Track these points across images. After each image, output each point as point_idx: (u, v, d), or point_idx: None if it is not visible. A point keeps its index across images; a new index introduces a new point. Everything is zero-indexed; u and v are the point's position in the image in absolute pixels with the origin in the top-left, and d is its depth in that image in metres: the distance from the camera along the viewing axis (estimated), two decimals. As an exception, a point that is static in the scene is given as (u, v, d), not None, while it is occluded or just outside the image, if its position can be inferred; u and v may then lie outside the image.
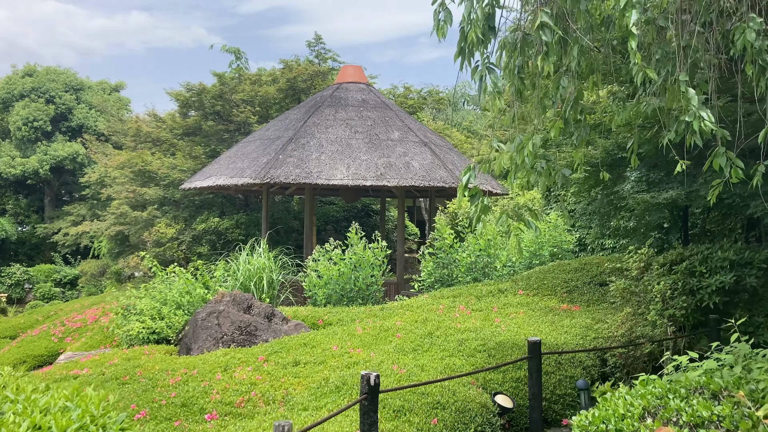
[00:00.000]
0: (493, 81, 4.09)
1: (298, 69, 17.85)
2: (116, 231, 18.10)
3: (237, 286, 10.23)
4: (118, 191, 18.14)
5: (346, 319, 8.66)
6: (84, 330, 13.36)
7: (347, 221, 18.85)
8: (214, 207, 17.29)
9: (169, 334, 9.01)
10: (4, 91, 35.93)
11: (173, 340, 8.98)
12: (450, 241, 10.18)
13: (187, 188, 13.31)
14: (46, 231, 32.93)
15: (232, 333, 8.21)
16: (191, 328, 8.43)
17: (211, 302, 8.71)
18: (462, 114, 44.07)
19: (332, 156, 11.72)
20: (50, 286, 28.78)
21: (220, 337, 8.17)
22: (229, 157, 13.15)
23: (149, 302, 9.55)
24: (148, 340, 9.03)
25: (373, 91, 14.09)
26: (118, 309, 10.03)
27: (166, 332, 9.01)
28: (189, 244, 16.27)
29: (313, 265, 10.30)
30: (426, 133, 13.44)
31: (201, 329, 8.25)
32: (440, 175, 11.71)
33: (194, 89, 17.52)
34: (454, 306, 8.76)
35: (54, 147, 34.41)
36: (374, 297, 10.12)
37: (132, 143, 19.87)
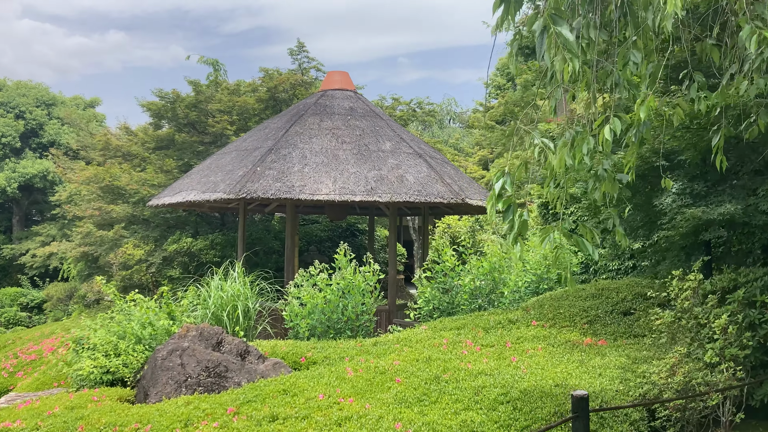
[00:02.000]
0: (560, 37, 2.88)
1: (280, 78, 16.65)
2: (81, 252, 16.65)
3: (207, 316, 8.91)
4: (84, 209, 16.72)
5: (333, 356, 7.37)
6: (39, 363, 11.94)
7: (332, 241, 17.57)
8: (187, 226, 15.93)
9: (126, 374, 7.65)
10: (-28, 105, 34.37)
11: (130, 381, 7.62)
12: (451, 264, 8.96)
13: (155, 205, 11.98)
14: (13, 252, 31.27)
15: (197, 375, 6.89)
16: (150, 368, 7.10)
17: (175, 337, 7.39)
18: (448, 131, 43.18)
19: (317, 168, 10.48)
20: (16, 310, 27.03)
21: (184, 380, 6.84)
22: (202, 170, 11.86)
23: (104, 335, 8.19)
24: (101, 381, 7.66)
25: (361, 98, 12.91)
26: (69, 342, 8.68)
27: (122, 372, 7.65)
28: (159, 267, 14.87)
29: (295, 291, 9.02)
30: (420, 145, 12.27)
31: (161, 370, 6.92)
32: (437, 190, 10.51)
33: (168, 98, 16.23)
34: (460, 340, 7.52)
35: (23, 164, 32.87)
36: (365, 328, 8.85)
37: (101, 158, 18.50)
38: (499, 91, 37.23)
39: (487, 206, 3.51)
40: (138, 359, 7.78)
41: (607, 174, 3.41)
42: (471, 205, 10.75)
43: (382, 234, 20.94)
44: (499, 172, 3.52)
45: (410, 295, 18.23)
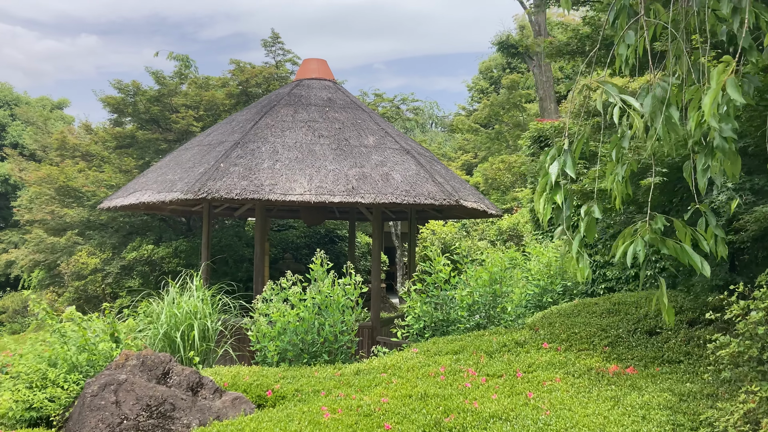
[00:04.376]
0: None
1: (252, 71, 15.29)
2: (32, 260, 15.09)
3: (158, 337, 7.53)
4: (36, 213, 15.18)
5: (307, 389, 6.04)
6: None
7: (309, 248, 16.22)
8: (149, 232, 14.46)
9: (53, 412, 6.22)
10: (-70, 105, 32.57)
11: (57, 420, 6.21)
12: (446, 275, 7.67)
13: (107, 207, 10.54)
14: (-28, 260, 29.49)
15: (136, 416, 5.52)
16: (78, 408, 5.72)
17: (110, 367, 6.02)
18: (430, 135, 42.05)
19: (289, 165, 9.14)
20: (-28, 321, 25.20)
21: (118, 422, 5.46)
22: (160, 168, 10.45)
23: (32, 361, 6.76)
24: (23, 420, 6.23)
25: (341, 89, 11.60)
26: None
27: (47, 408, 6.22)
28: (117, 277, 13.40)
29: (263, 307, 7.67)
30: (407, 141, 10.99)
31: (89, 411, 5.54)
32: (428, 190, 9.22)
33: (128, 90, 14.75)
34: (459, 368, 6.23)
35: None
36: (346, 351, 7.53)
37: (58, 158, 16.96)
38: (482, 94, 36.24)
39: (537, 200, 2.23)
40: (69, 392, 6.35)
41: (728, 144, 2.16)
42: (466, 207, 9.49)
43: (363, 240, 19.62)
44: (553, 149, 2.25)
45: (393, 305, 16.91)
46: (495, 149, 28.41)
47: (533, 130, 14.40)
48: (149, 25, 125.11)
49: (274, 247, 15.72)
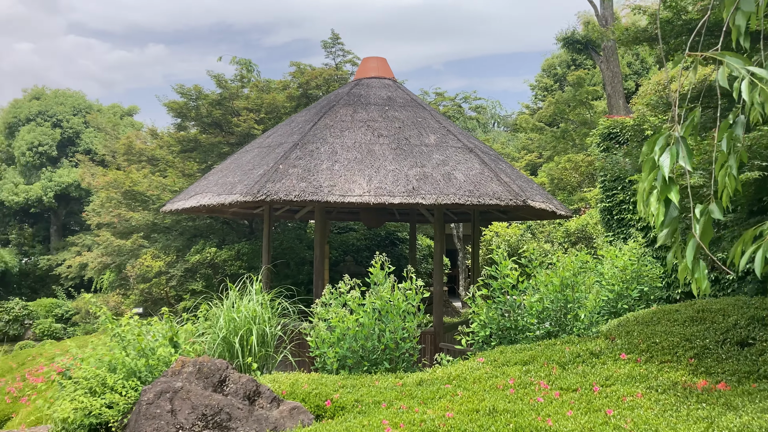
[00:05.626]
0: None
1: (312, 73, 15.18)
2: (100, 263, 15.45)
3: (217, 342, 7.39)
4: (104, 216, 15.53)
5: (367, 399, 5.74)
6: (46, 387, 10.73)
7: (369, 251, 16.00)
8: (212, 235, 14.55)
9: (111, 418, 6.15)
10: (10, 115, 34.17)
11: (116, 427, 6.12)
12: (513, 280, 7.23)
13: (169, 210, 10.58)
14: (49, 263, 30.81)
15: (192, 425, 5.35)
16: (134, 415, 5.60)
17: (166, 374, 5.88)
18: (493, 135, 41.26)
19: (348, 165, 8.89)
20: (51, 322, 26.31)
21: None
22: (221, 170, 10.40)
23: (92, 366, 6.72)
24: (83, 426, 6.17)
25: (400, 87, 11.29)
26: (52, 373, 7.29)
27: (106, 415, 6.15)
28: (180, 280, 13.51)
29: (323, 312, 7.43)
30: (470, 138, 10.57)
31: (145, 419, 5.40)
32: (492, 190, 8.79)
33: (190, 94, 14.89)
34: (530, 380, 5.80)
35: (59, 173, 32.45)
36: (407, 359, 7.20)
37: (125, 162, 17.35)
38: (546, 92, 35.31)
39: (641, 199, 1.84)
40: (127, 398, 6.27)
41: None
42: (533, 208, 9.00)
43: (424, 243, 19.26)
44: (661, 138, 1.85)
45: (456, 310, 16.48)
46: (561, 148, 27.55)
47: (603, 127, 13.74)
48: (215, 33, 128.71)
49: (334, 250, 15.57)
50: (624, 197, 12.18)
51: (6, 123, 34.00)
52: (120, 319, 7.38)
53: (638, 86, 28.98)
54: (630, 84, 30.41)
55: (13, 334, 25.88)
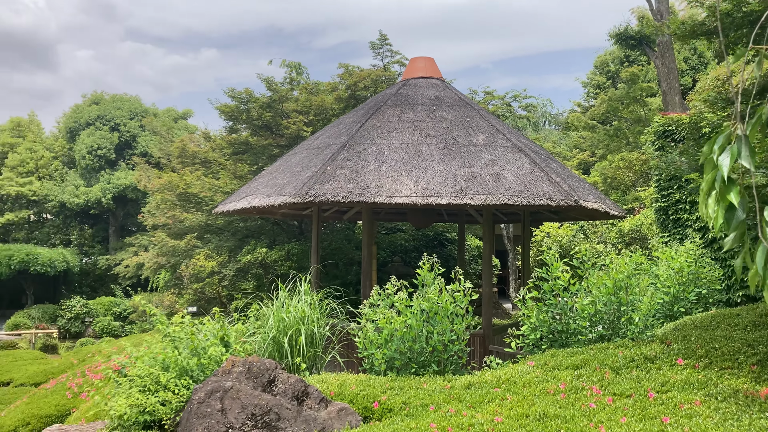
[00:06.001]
0: None
1: (360, 74, 15.23)
2: (155, 263, 15.87)
3: (267, 342, 7.47)
4: (159, 218, 15.95)
5: (414, 402, 5.70)
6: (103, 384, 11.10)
7: (417, 252, 15.96)
8: (263, 235, 14.77)
9: (164, 415, 6.28)
10: (72, 119, 35.44)
11: (169, 425, 6.26)
12: (565, 282, 7.08)
13: (221, 212, 10.78)
14: (108, 262, 31.83)
15: (241, 425, 5.42)
16: (186, 414, 5.71)
17: (217, 374, 5.97)
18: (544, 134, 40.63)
19: (395, 166, 8.87)
20: (109, 320, 27.20)
21: (224, 431, 5.39)
22: (270, 172, 10.54)
23: (146, 365, 6.88)
24: (138, 423, 6.33)
25: (448, 87, 11.20)
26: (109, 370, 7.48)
27: (159, 412, 6.29)
28: (232, 279, 13.76)
29: (370, 313, 7.42)
30: (519, 138, 10.41)
31: (196, 418, 5.50)
32: (543, 190, 8.63)
33: (241, 98, 15.15)
34: (582, 385, 5.65)
35: (117, 176, 33.48)
36: (455, 361, 7.12)
37: (179, 165, 17.79)
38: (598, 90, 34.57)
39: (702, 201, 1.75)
40: (180, 396, 6.40)
41: None
42: (585, 208, 8.79)
43: (473, 243, 19.09)
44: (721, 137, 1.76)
45: (506, 312, 16.27)
46: (614, 147, 26.91)
47: (658, 125, 13.33)
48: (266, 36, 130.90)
49: (383, 251, 15.58)
50: (680, 197, 11.78)
51: (68, 127, 35.27)
52: (171, 319, 7.55)
53: (695, 82, 28.08)
54: (686, 80, 29.47)
55: (74, 331, 26.85)
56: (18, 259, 27.38)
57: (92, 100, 36.61)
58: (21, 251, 27.77)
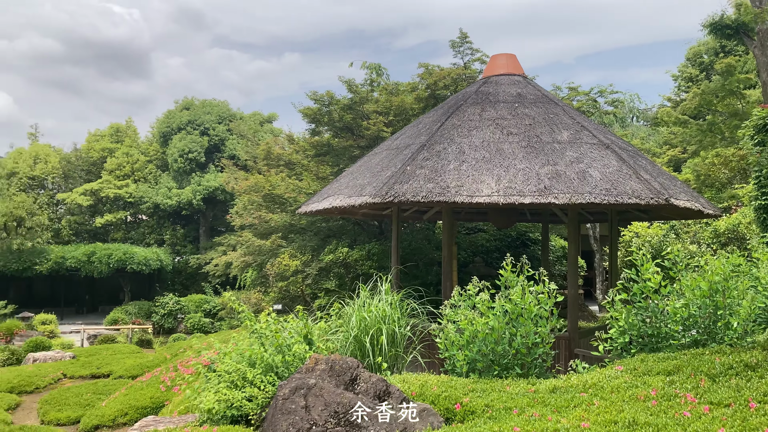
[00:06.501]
0: None
1: (440, 73, 15.17)
2: (242, 262, 16.41)
3: (349, 340, 7.56)
4: (245, 218, 16.49)
5: (497, 404, 5.60)
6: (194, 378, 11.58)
7: (499, 252, 15.72)
8: (344, 235, 14.98)
9: (251, 411, 6.46)
10: (164, 125, 37.10)
11: (255, 420, 6.43)
12: (656, 284, 6.77)
13: (304, 212, 11.01)
14: (198, 261, 33.11)
15: (324, 422, 5.49)
16: (271, 409, 5.85)
17: (301, 371, 6.09)
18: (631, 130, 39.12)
19: (476, 165, 8.76)
20: (200, 316, 28.37)
21: (308, 428, 5.47)
22: (351, 173, 10.67)
23: (234, 361, 7.10)
24: (225, 417, 6.54)
25: (531, 83, 10.97)
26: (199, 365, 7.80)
27: (246, 408, 6.47)
28: (315, 278, 14.03)
29: (451, 314, 7.36)
30: (606, 134, 10.05)
31: (281, 414, 5.62)
32: (631, 188, 8.29)
33: (323, 100, 15.42)
34: (674, 392, 5.38)
35: (206, 178, 34.79)
36: (539, 365, 6.96)
37: (264, 167, 18.32)
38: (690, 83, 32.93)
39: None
40: (266, 392, 6.56)
41: None
42: (677, 206, 8.38)
43: (557, 244, 18.61)
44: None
45: (592, 314, 15.76)
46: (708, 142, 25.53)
47: (758, 118, 12.53)
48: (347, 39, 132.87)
49: (463, 251, 15.45)
50: (784, 194, 11.04)
51: (161, 132, 36.98)
52: (258, 316, 7.77)
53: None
54: (790, 69, 27.61)
55: (167, 327, 28.14)
56: (116, 258, 28.99)
57: (183, 105, 38.22)
58: (119, 250, 29.39)
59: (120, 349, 17.95)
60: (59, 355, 16.38)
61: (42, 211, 31.16)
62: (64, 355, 16.36)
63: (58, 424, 10.30)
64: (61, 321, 26.54)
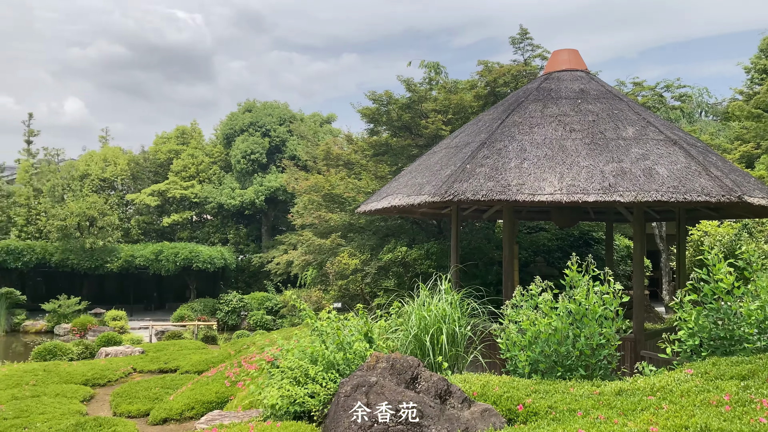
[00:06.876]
0: None
1: (500, 70, 14.99)
2: (303, 260, 16.65)
3: (408, 339, 7.57)
4: (306, 218, 16.73)
5: (561, 406, 5.51)
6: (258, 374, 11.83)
7: (562, 251, 15.40)
8: (402, 234, 15.00)
9: (313, 407, 6.56)
10: (227, 127, 38.00)
11: (317, 416, 6.53)
12: (728, 285, 6.50)
13: (363, 211, 11.09)
14: (261, 260, 33.78)
15: (386, 420, 5.53)
16: (333, 406, 5.92)
17: (362, 369, 6.13)
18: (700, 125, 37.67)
19: (538, 163, 8.62)
20: (262, 313, 28.98)
21: (369, 425, 5.51)
22: (410, 172, 10.67)
23: (296, 357, 7.22)
24: (288, 413, 6.66)
25: (594, 79, 10.70)
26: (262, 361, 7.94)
27: (308, 404, 6.57)
28: (374, 277, 14.11)
29: (513, 314, 7.28)
30: (673, 130, 9.72)
31: (343, 411, 5.68)
32: (701, 185, 7.99)
33: (381, 100, 15.49)
34: (749, 397, 5.16)
35: (268, 178, 35.44)
36: (604, 367, 6.79)
37: (324, 167, 18.55)
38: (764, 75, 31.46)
39: None
40: (327, 389, 6.65)
41: None
42: (751, 204, 8.03)
43: (622, 243, 18.11)
44: None
45: (659, 315, 15.28)
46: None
47: None
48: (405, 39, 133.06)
49: (524, 250, 15.23)
50: None
51: (224, 134, 37.89)
52: (319, 314, 7.87)
53: None
54: None
55: (231, 323, 28.84)
56: (183, 257, 29.92)
57: (245, 108, 39.05)
58: (185, 249, 30.33)
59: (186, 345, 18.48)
60: (129, 350, 17.02)
61: (112, 211, 32.44)
62: (134, 350, 16.98)
63: (129, 416, 10.69)
64: (130, 317, 27.58)
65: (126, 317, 25.57)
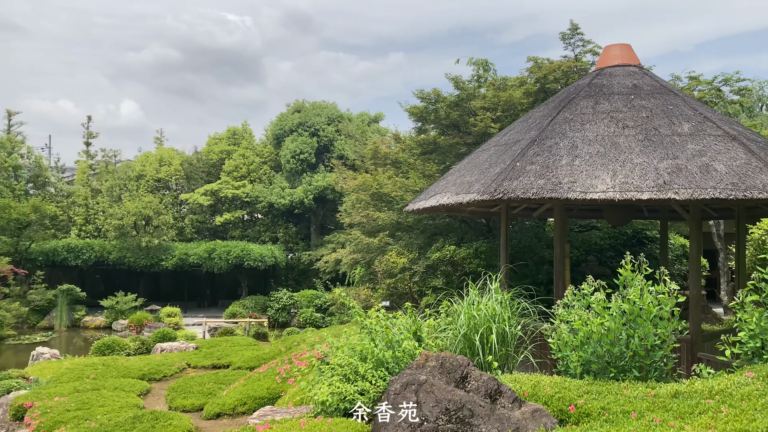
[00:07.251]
0: None
1: (550, 67, 14.77)
2: (351, 259, 16.77)
3: (458, 338, 7.54)
4: (354, 216, 16.85)
5: (614, 408, 5.41)
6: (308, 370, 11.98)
7: (614, 250, 15.08)
8: (451, 233, 14.94)
9: (364, 404, 6.60)
10: (277, 127, 38.53)
11: (366, 414, 6.57)
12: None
13: (411, 210, 11.09)
14: (310, 258, 34.17)
15: (436, 419, 5.53)
16: (382, 404, 5.96)
17: (411, 367, 6.15)
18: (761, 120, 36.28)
19: (590, 160, 8.46)
20: (312, 311, 29.33)
21: (419, 423, 5.53)
22: (458, 170, 10.61)
23: (345, 355, 7.29)
24: (338, 410, 6.73)
25: (647, 74, 10.43)
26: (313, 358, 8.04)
27: (358, 401, 6.62)
28: (422, 276, 14.10)
29: (564, 314, 7.17)
30: (732, 125, 9.40)
31: (393, 408, 5.72)
32: (762, 182, 7.70)
33: (429, 98, 15.46)
34: (815, 403, 4.96)
35: (317, 178, 35.80)
36: (659, 368, 6.63)
37: (371, 166, 18.64)
38: (830, 65, 30.09)
39: None
40: (377, 387, 6.69)
41: None
42: (816, 201, 7.71)
43: (677, 242, 17.61)
44: None
45: (717, 316, 14.80)
46: None
47: None
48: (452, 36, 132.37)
49: (575, 249, 14.98)
50: None
51: (274, 134, 38.45)
52: (368, 312, 7.92)
53: None
54: None
55: (281, 320, 29.27)
56: (234, 255, 30.53)
57: (294, 108, 39.52)
58: (237, 247, 30.94)
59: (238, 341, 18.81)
60: (183, 345, 17.45)
61: (167, 210, 33.32)
62: (188, 346, 17.41)
63: (183, 410, 10.96)
64: (184, 314, 28.30)
65: (180, 314, 26.24)
